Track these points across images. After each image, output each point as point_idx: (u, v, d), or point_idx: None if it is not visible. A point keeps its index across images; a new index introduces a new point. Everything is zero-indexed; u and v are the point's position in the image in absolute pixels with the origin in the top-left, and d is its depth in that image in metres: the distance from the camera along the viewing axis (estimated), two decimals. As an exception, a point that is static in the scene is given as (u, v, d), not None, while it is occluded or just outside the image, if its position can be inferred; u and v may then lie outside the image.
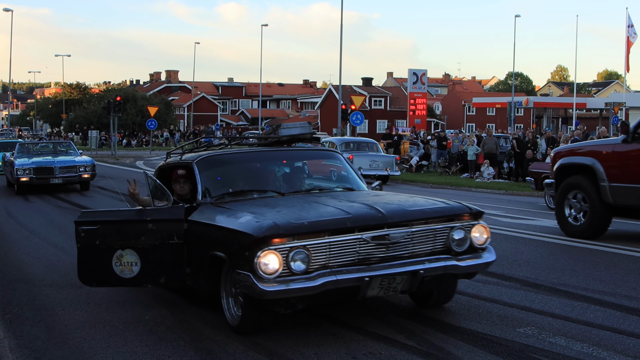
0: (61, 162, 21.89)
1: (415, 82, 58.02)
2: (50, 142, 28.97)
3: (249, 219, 6.30)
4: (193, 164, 7.69)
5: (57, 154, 23.43)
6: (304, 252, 5.96)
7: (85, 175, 21.76)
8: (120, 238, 7.06)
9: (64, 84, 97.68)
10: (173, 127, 78.15)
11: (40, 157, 22.66)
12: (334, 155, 8.77)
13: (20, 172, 20.88)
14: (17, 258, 11.01)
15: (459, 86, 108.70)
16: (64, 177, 21.49)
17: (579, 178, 12.14)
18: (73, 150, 24.25)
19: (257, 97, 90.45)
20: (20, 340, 6.66)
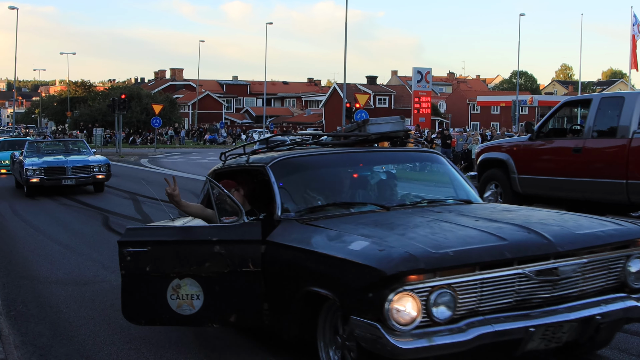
0: (74, 161, 20.40)
1: (420, 80, 58.05)
2: (61, 141, 27.08)
3: (365, 245, 4.76)
4: (267, 169, 6.06)
5: (69, 153, 22.05)
6: (449, 293, 4.47)
7: (100, 176, 20.29)
8: (178, 264, 5.66)
9: (69, 82, 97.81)
10: (178, 125, 78.18)
11: (51, 156, 21.32)
12: (435, 158, 7.06)
13: (30, 172, 19.51)
14: (22, 255, 11.04)
15: (463, 85, 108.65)
16: (76, 177, 19.98)
17: (495, 171, 13.88)
18: (86, 149, 22.75)
19: (262, 95, 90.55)
20: (25, 337, 6.68)
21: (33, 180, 19.51)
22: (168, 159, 41.98)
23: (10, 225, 14.47)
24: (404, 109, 79.43)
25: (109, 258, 10.46)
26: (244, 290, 5.52)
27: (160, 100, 71.77)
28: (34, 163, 19.91)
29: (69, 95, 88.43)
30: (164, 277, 5.66)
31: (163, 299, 5.66)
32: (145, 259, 5.70)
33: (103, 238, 12.47)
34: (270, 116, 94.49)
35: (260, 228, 5.59)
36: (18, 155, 22.05)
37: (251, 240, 5.54)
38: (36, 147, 22.52)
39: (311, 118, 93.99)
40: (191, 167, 33.73)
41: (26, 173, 19.54)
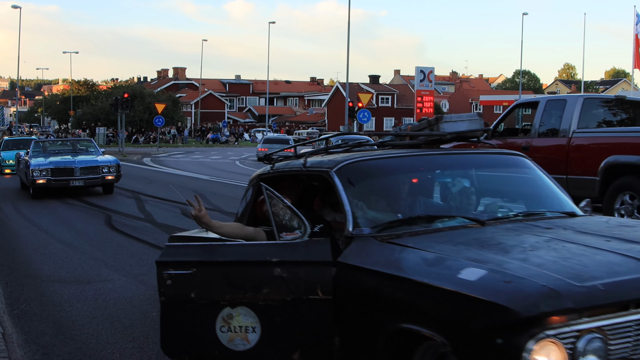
0: (82, 162, 19.60)
1: (423, 79, 57.92)
2: (69, 140, 25.91)
3: (482, 274, 3.69)
4: (331, 174, 4.98)
5: (77, 152, 21.26)
6: (600, 338, 3.43)
7: (109, 177, 19.48)
8: (229, 289, 4.70)
9: (72, 81, 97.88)
10: (180, 124, 78.27)
11: (58, 156, 20.54)
12: (521, 162, 5.86)
13: (36, 173, 18.60)
14: (25, 254, 11.06)
15: (466, 84, 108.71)
16: (85, 179, 19.16)
17: None
18: (94, 148, 21.87)
19: (264, 95, 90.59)
20: (28, 335, 6.69)
21: (39, 181, 18.63)
22: (171, 158, 42.01)
23: (13, 224, 14.49)
24: (406, 108, 79.54)
25: (111, 257, 10.48)
26: (311, 322, 4.51)
27: (163, 99, 71.85)
28: (40, 163, 19.02)
29: (72, 94, 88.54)
30: (213, 306, 4.74)
31: (212, 332, 4.73)
32: (190, 283, 4.80)
33: (106, 237, 12.48)
34: (273, 115, 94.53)
35: (329, 247, 4.56)
36: (24, 155, 21.26)
37: (320, 262, 4.52)
38: (42, 147, 21.70)
39: (314, 117, 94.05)
40: (194, 167, 33.76)
41: (32, 174, 18.67)
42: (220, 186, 23.24)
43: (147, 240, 11.99)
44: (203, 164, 36.47)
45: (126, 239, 12.24)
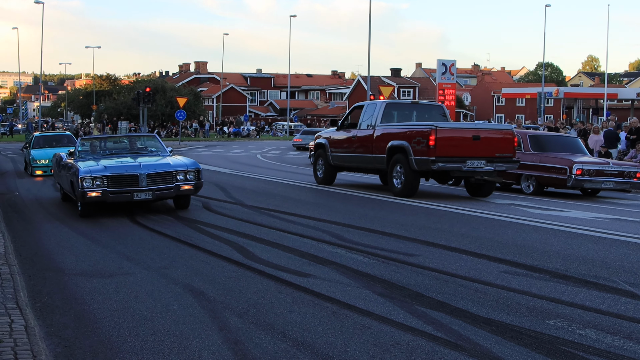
0: (149, 166, 14.46)
1: (444, 72, 57.70)
2: (125, 137, 19.19)
3: None
4: None
5: (138, 153, 16.23)
6: None
7: (186, 187, 14.43)
8: None
9: (94, 76, 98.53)
10: (202, 117, 78.44)
11: (113, 158, 15.43)
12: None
13: (88, 182, 13.78)
14: (47, 248, 11.11)
15: (488, 77, 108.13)
16: (154, 189, 14.12)
17: (320, 151, 20.96)
18: (160, 147, 16.57)
19: (286, 88, 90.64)
20: (50, 328, 6.71)
21: (92, 194, 13.80)
22: (192, 152, 42.10)
23: (35, 217, 14.58)
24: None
25: (133, 250, 10.51)
26: None
27: (185, 93, 72.13)
28: (92, 169, 14.12)
29: (95, 89, 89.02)
30: None
31: None
32: None
33: (128, 230, 12.52)
34: (295, 109, 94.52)
35: None
36: (66, 158, 16.42)
37: None
38: (91, 146, 16.70)
39: (335, 110, 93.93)
40: (216, 160, 33.80)
41: (81, 183, 13.79)
42: (241, 179, 23.25)
43: (168, 233, 12.01)
44: (225, 158, 36.53)
45: (148, 233, 12.27)
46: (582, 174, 17.73)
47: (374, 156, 18.15)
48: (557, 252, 9.99)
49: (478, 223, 12.91)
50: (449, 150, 16.40)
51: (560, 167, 18.04)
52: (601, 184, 18.14)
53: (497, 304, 7.25)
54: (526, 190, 18.82)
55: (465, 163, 16.42)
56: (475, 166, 16.52)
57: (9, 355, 5.64)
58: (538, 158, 18.67)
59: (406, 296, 7.60)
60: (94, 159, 15.16)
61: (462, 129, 17.96)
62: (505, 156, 16.84)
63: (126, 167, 14.34)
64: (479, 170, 16.63)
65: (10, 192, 19.69)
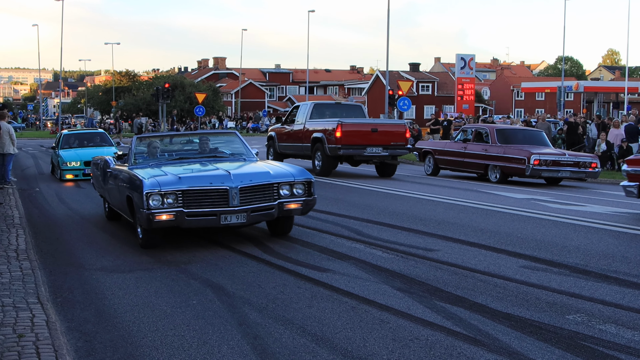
0: (242, 176, 10.21)
1: (463, 67, 57.55)
2: (195, 135, 13.27)
3: None
4: None
5: (216, 157, 11.71)
6: None
7: (292, 205, 10.29)
8: None
9: (114, 72, 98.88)
10: (221, 113, 78.61)
11: (183, 164, 11.23)
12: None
13: (156, 200, 9.62)
14: (68, 243, 11.18)
15: (507, 71, 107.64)
16: (249, 209, 9.95)
17: (271, 142, 25.54)
18: (243, 148, 12.14)
19: (304, 83, 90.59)
20: (71, 323, 6.76)
21: (162, 217, 9.60)
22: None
23: (56, 213, 14.67)
24: (447, 96, 78.95)
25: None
26: None
27: (204, 89, 72.28)
28: (161, 180, 9.85)
29: (114, 85, 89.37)
30: None
31: None
32: None
33: (147, 226, 12.57)
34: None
35: None
36: (113, 163, 12.41)
37: None
38: (150, 148, 11.95)
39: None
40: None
41: (147, 202, 9.59)
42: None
43: (188, 229, 12.04)
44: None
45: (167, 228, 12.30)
46: (539, 164, 19.45)
47: (304, 145, 22.68)
48: (576, 247, 9.94)
49: (497, 218, 12.86)
50: (352, 140, 21.02)
51: (520, 158, 19.77)
52: (558, 173, 19.81)
53: (517, 298, 7.23)
54: (493, 179, 20.65)
55: (365, 149, 21.18)
56: (374, 152, 21.31)
57: (30, 349, 5.69)
58: (502, 150, 20.52)
59: (425, 291, 7.60)
60: (157, 166, 10.99)
61: (363, 123, 22.05)
62: (398, 144, 21.57)
63: (210, 177, 10.00)
64: (377, 155, 21.41)
65: (31, 188, 19.84)
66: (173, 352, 5.87)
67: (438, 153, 23.41)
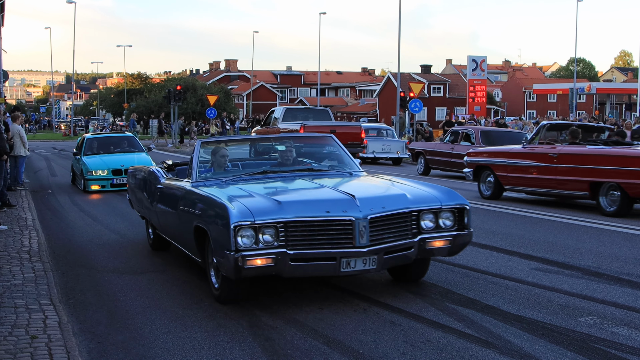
0: (371, 201, 7.11)
1: (475, 69, 57.40)
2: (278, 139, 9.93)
3: None
4: None
5: (312, 172, 8.71)
6: None
7: (439, 243, 7.32)
8: None
9: (126, 74, 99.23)
10: (233, 115, 78.67)
11: (268, 182, 8.29)
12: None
13: (248, 237, 6.59)
14: (80, 245, 11.22)
15: (519, 72, 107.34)
16: (382, 250, 6.95)
17: None
18: (345, 158, 9.33)
19: (316, 86, 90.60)
20: (83, 325, 6.79)
21: (257, 261, 6.62)
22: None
23: (68, 215, 14.72)
24: (458, 97, 78.83)
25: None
26: None
27: (215, 91, 72.37)
28: (252, 205, 6.86)
29: (126, 87, 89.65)
30: None
31: None
32: None
33: (159, 228, 12.60)
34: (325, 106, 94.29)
35: None
36: (163, 176, 9.70)
37: None
38: (216, 157, 8.97)
39: (365, 108, 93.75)
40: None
41: (236, 239, 6.57)
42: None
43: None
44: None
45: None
46: None
47: None
48: (589, 249, 9.91)
49: (509, 220, 12.84)
50: None
51: None
52: None
53: (529, 301, 7.21)
54: None
55: None
56: None
57: (43, 350, 5.72)
58: None
59: (437, 293, 7.59)
60: (232, 183, 8.11)
61: (323, 125, 24.85)
62: (354, 143, 24.67)
63: (325, 203, 6.97)
64: None
65: (44, 190, 19.90)
66: (185, 354, 5.88)
67: (429, 153, 24.35)
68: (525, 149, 15.35)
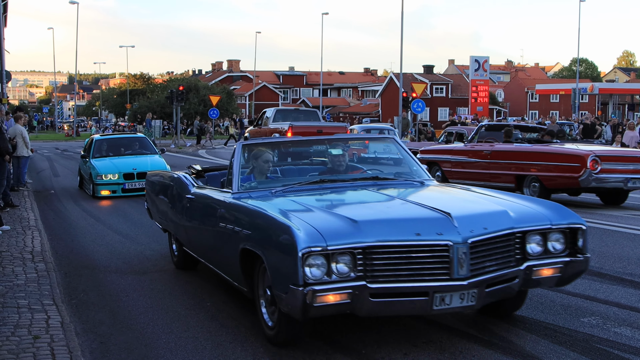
0: (469, 219, 5.71)
1: (477, 69, 57.43)
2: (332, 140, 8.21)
3: None
4: None
5: (377, 182, 7.11)
6: None
7: (547, 272, 5.94)
8: None
9: (128, 75, 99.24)
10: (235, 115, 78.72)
11: (325, 194, 6.88)
12: None
13: (319, 266, 5.27)
14: (82, 245, 11.23)
15: (521, 73, 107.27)
16: (483, 281, 5.57)
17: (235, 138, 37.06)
18: (414, 164, 7.75)
19: (318, 86, 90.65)
20: (86, 325, 6.80)
21: (329, 297, 5.33)
22: (225, 150, 42.25)
23: (71, 215, 14.73)
24: (461, 98, 78.81)
25: (167, 248, 10.55)
26: None
27: (218, 91, 72.34)
28: (321, 225, 5.46)
29: (128, 88, 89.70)
30: None
31: None
32: None
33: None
34: (327, 106, 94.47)
35: None
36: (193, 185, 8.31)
37: None
38: (260, 162, 7.40)
39: (368, 108, 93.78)
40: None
41: (303, 269, 5.23)
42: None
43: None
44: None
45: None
46: None
47: None
48: (591, 250, 9.87)
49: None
50: None
51: None
52: None
53: (531, 301, 7.20)
54: None
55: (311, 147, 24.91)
56: None
57: (45, 351, 5.72)
58: None
59: (439, 293, 7.57)
60: (283, 194, 6.76)
61: (311, 125, 25.21)
62: None
63: (414, 222, 5.67)
64: None
65: (47, 190, 19.92)
66: (187, 354, 5.89)
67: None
68: (466, 147, 17.31)
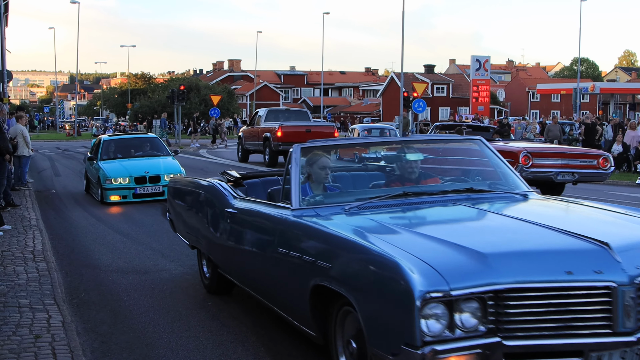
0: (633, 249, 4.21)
1: (478, 68, 57.47)
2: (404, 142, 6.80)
3: None
4: None
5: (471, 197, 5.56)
6: None
7: None
8: None
9: (129, 74, 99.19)
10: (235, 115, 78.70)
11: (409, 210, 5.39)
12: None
13: (440, 317, 3.80)
14: (84, 245, 11.24)
15: (522, 72, 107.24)
16: None
17: (240, 140, 30.41)
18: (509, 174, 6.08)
19: (319, 85, 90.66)
20: (87, 324, 6.80)
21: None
22: (227, 149, 42.25)
23: (72, 214, 14.73)
24: (462, 97, 78.86)
25: (168, 247, 10.59)
26: None
27: (219, 91, 72.35)
28: (438, 261, 3.94)
29: (129, 88, 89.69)
30: None
31: None
32: None
33: (163, 228, 12.58)
34: (328, 106, 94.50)
35: None
36: (233, 196, 6.88)
37: None
38: (316, 169, 5.83)
39: (369, 107, 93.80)
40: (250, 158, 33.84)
41: (419, 321, 3.76)
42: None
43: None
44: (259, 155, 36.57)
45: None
46: None
47: (259, 142, 27.35)
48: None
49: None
50: (289, 138, 24.17)
51: None
52: None
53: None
54: None
55: None
56: None
57: (47, 350, 5.73)
58: None
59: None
60: (357, 213, 5.30)
61: (300, 125, 26.34)
62: None
63: (561, 256, 4.10)
64: None
65: (48, 189, 19.93)
66: (188, 354, 5.89)
67: None
68: None
